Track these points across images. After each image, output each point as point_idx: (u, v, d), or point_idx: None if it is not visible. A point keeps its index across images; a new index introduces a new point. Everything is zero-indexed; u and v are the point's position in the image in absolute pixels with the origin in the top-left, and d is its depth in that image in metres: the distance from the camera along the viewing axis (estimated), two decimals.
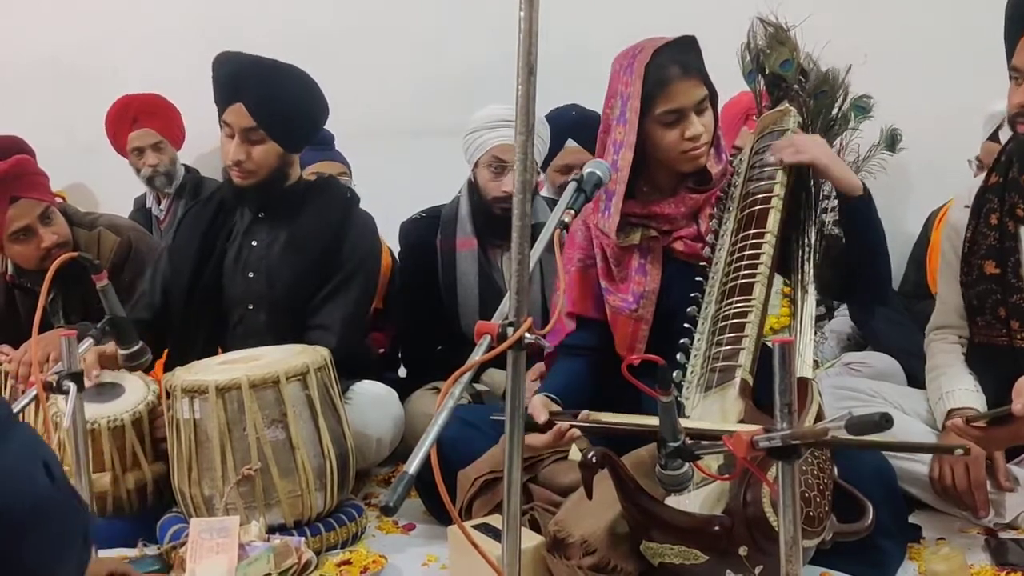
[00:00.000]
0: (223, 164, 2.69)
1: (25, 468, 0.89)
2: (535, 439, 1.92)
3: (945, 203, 3.23)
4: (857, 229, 2.14)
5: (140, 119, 4.02)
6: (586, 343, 2.27)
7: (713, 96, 2.20)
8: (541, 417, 1.92)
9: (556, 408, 2.00)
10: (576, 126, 3.19)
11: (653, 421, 1.65)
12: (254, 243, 2.71)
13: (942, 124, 3.39)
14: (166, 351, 2.77)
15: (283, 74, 2.62)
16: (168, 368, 2.58)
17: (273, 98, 2.58)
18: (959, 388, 2.25)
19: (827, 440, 1.30)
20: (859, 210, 2.12)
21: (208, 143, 3.92)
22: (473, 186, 2.93)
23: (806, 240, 2.15)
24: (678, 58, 2.14)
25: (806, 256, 2.13)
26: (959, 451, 1.39)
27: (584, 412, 1.92)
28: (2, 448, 0.88)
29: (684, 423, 1.66)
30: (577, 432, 1.91)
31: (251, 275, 2.69)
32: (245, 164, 2.60)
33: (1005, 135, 2.95)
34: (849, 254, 2.15)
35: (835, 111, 2.34)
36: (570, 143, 3.19)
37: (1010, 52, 2.13)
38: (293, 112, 2.62)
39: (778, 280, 2.10)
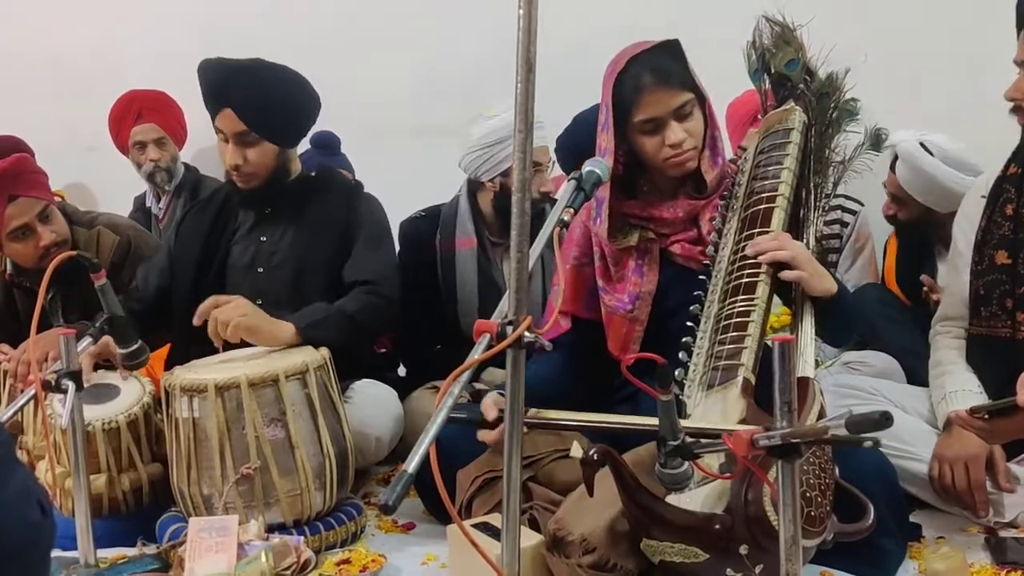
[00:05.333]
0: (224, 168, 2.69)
1: (22, 504, 1.03)
2: (486, 435, 2.07)
3: None
4: (836, 322, 2.11)
5: (144, 114, 4.01)
6: (567, 340, 2.27)
7: (700, 99, 2.16)
8: (491, 414, 2.05)
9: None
10: None
11: (650, 421, 1.64)
12: (263, 239, 2.70)
13: (939, 124, 3.38)
14: (168, 350, 2.77)
15: (267, 73, 2.61)
16: (170, 368, 2.57)
17: (260, 99, 2.56)
18: (962, 389, 2.25)
19: (826, 439, 1.30)
20: (833, 306, 2.07)
21: (208, 139, 3.91)
22: (474, 189, 2.91)
23: (808, 239, 2.14)
24: (654, 65, 2.11)
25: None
26: None
27: (532, 410, 1.97)
28: (2, 486, 1.02)
29: (683, 422, 1.66)
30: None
31: (260, 270, 2.69)
32: (243, 168, 2.61)
33: (900, 167, 2.92)
34: (823, 329, 2.10)
35: (831, 114, 2.32)
36: None
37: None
38: (281, 109, 2.61)
39: None
